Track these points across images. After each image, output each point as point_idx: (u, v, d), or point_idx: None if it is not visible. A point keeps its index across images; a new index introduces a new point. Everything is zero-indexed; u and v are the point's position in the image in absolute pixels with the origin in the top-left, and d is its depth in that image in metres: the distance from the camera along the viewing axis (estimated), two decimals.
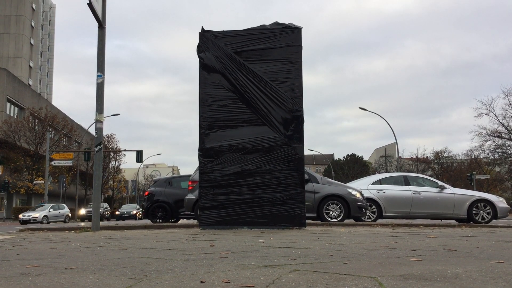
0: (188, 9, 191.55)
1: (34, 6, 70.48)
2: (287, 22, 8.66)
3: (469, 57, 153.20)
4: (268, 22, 8.85)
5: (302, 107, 8.33)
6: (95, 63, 9.17)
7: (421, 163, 61.17)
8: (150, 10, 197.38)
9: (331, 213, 10.93)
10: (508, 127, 43.58)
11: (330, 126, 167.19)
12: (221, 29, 8.73)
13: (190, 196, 11.61)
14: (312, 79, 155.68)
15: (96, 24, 9.22)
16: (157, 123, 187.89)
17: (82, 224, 16.95)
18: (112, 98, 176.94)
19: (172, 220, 13.92)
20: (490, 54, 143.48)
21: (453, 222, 12.45)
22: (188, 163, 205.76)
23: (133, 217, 44.24)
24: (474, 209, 12.39)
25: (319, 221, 10.71)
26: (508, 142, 44.69)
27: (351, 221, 11.28)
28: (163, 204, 13.91)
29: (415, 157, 62.92)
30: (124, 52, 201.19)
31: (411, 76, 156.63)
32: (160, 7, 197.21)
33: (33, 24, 69.90)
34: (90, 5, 8.35)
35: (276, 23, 8.66)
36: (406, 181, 12.88)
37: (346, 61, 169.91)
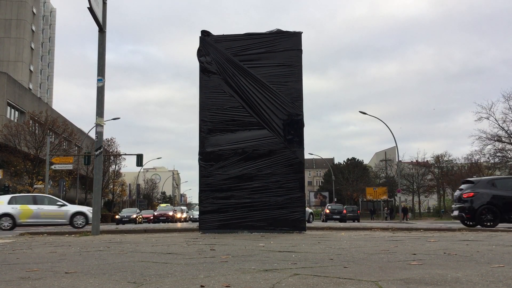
0: (202, 15, 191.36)
1: (34, 10, 70.63)
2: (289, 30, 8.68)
3: (479, 62, 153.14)
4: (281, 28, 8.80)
5: (302, 111, 8.33)
6: (108, 67, 9.22)
7: (421, 167, 61.05)
8: (163, 16, 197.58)
9: None
10: (508, 131, 43.48)
11: (336, 130, 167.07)
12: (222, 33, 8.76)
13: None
14: (323, 84, 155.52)
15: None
16: (163, 127, 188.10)
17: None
18: (121, 102, 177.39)
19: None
20: (500, 59, 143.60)
21: (453, 226, 12.41)
22: (190, 167, 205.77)
23: (133, 221, 44.08)
24: None
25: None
26: (508, 146, 44.58)
27: (351, 225, 11.23)
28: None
29: (415, 161, 62.81)
30: (137, 57, 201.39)
31: (421, 81, 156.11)
32: (174, 12, 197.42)
33: (33, 28, 69.99)
34: (90, 9, 8.42)
35: (278, 30, 8.69)
36: None
37: (357, 66, 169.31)
